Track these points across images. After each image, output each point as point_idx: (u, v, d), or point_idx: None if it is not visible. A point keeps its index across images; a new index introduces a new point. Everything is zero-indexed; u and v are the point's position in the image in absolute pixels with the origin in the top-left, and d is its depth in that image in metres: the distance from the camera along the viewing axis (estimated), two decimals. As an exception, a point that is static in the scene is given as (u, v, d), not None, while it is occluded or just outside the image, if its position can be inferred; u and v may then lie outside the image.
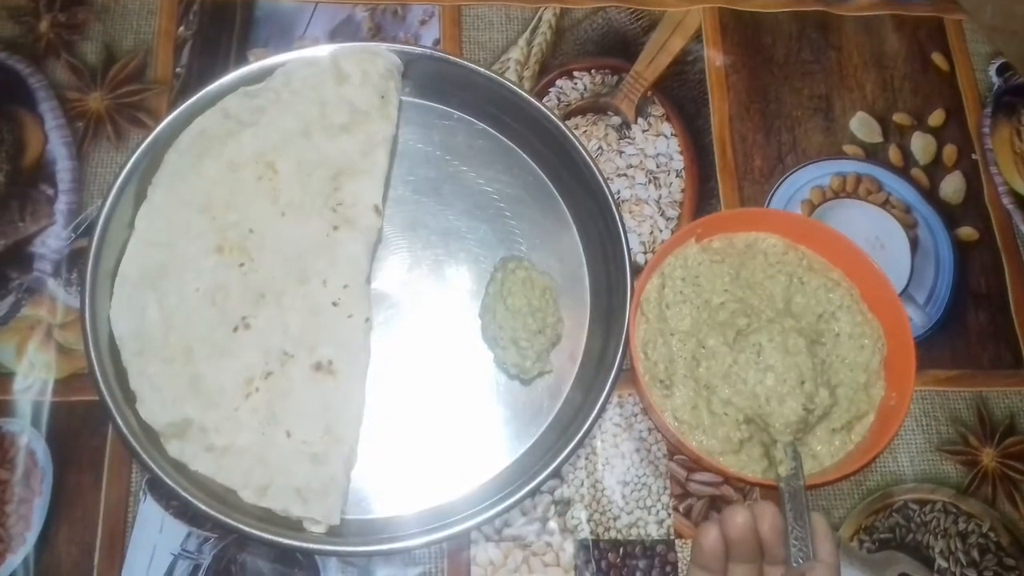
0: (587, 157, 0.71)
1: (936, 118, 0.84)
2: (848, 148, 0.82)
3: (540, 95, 0.80)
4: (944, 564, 0.69)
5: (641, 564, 0.67)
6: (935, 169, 0.82)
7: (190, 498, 0.60)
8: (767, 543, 0.55)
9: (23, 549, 0.64)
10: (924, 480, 0.71)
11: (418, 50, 0.74)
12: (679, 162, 0.79)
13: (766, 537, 0.54)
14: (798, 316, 0.68)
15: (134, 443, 0.61)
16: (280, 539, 0.60)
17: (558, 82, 0.81)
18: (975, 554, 0.69)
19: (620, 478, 0.69)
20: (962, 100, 0.85)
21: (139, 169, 0.68)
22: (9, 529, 0.64)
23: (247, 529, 0.60)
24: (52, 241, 0.72)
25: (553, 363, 0.69)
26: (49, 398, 0.67)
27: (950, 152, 0.83)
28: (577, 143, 0.72)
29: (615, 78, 0.82)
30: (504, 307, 0.68)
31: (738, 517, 0.54)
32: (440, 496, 0.66)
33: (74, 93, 0.76)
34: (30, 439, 0.66)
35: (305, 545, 0.61)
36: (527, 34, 0.82)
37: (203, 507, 0.60)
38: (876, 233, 0.79)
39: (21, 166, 0.74)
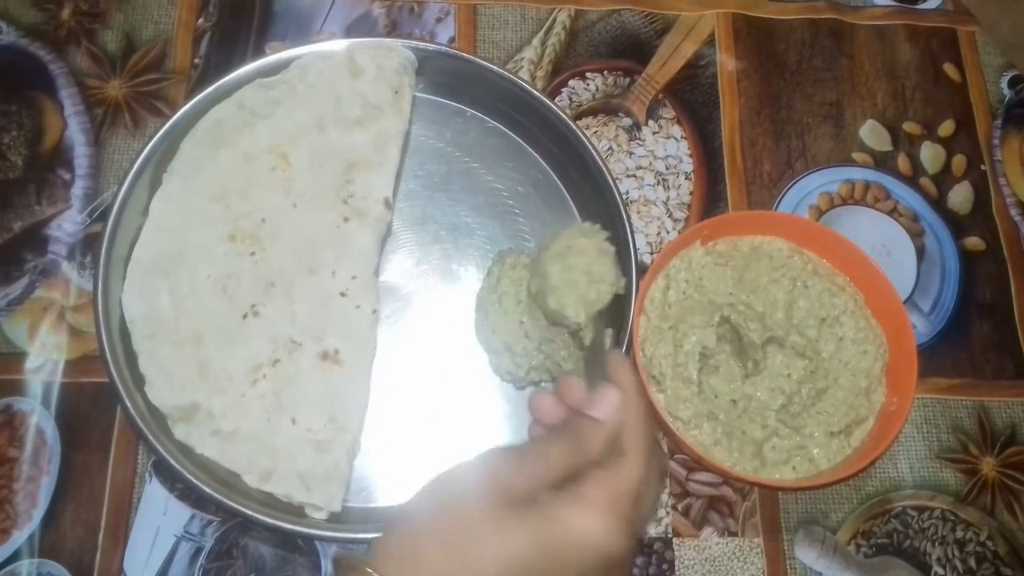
0: (597, 157, 0.72)
1: (946, 128, 0.84)
2: (857, 155, 0.82)
3: (552, 95, 0.81)
4: (941, 571, 0.69)
5: (638, 561, 0.67)
6: (944, 179, 0.82)
7: (195, 481, 0.60)
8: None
9: (29, 526, 0.65)
10: (923, 487, 0.71)
11: (432, 47, 0.75)
12: (688, 165, 0.80)
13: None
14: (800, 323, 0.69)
15: (141, 425, 0.61)
16: (282, 524, 0.61)
17: (571, 82, 0.82)
18: (972, 562, 0.69)
19: (620, 475, 0.69)
20: (972, 111, 0.85)
21: (155, 157, 0.68)
22: (16, 506, 0.65)
23: (250, 513, 0.60)
24: (67, 225, 0.73)
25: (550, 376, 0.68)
26: (60, 379, 0.68)
27: (959, 162, 0.83)
28: (587, 143, 0.72)
29: (627, 80, 0.82)
30: (499, 306, 0.67)
31: (544, 403, 0.53)
32: (441, 487, 0.66)
33: (94, 80, 0.78)
34: (40, 418, 0.67)
35: (306, 530, 0.61)
36: (541, 34, 0.83)
37: (207, 490, 0.60)
38: (883, 240, 0.79)
39: (39, 151, 0.75)
